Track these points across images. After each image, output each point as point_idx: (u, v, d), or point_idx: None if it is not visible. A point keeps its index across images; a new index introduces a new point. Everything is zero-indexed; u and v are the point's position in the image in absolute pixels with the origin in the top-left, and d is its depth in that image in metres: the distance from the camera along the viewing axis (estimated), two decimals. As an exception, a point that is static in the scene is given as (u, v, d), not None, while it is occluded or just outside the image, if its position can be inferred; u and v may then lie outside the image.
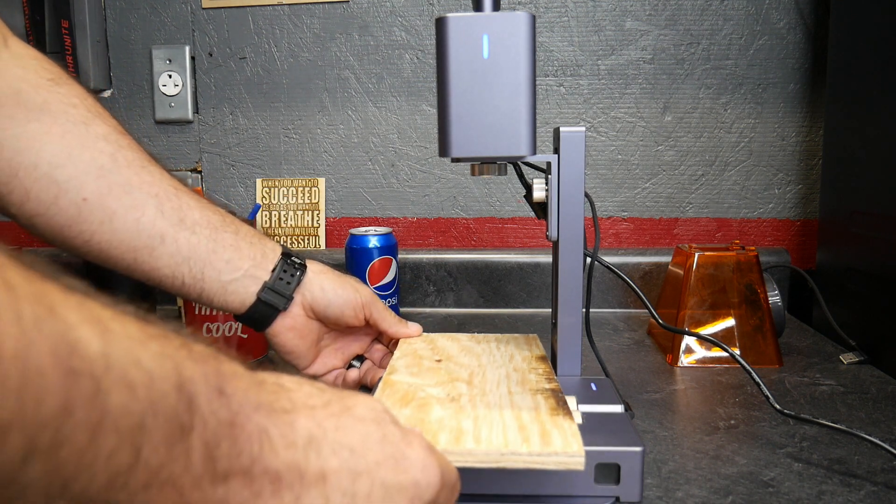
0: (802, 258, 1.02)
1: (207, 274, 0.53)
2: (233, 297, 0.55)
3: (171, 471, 0.24)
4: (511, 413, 0.43)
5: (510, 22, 0.47)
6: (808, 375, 0.70)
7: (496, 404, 0.44)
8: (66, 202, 0.49)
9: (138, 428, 0.22)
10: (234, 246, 0.54)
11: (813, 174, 1.00)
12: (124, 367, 0.22)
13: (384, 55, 1.03)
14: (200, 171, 1.09)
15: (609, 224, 1.04)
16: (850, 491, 0.46)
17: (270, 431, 0.28)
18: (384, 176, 1.06)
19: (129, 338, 0.23)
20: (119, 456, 0.22)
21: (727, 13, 0.98)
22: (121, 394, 0.21)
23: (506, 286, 1.01)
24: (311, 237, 1.08)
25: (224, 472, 0.26)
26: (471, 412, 0.43)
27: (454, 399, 0.46)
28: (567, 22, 1.00)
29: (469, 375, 0.51)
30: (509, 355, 0.57)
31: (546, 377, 0.51)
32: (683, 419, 0.59)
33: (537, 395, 0.46)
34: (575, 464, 0.37)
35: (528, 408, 0.43)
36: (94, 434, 0.21)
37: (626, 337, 0.85)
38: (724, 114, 1.00)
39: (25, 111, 0.48)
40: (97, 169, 0.49)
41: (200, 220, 0.53)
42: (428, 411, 0.43)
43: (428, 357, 0.57)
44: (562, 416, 0.42)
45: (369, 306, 0.60)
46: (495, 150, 0.49)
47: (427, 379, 0.50)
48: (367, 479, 0.30)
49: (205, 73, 1.07)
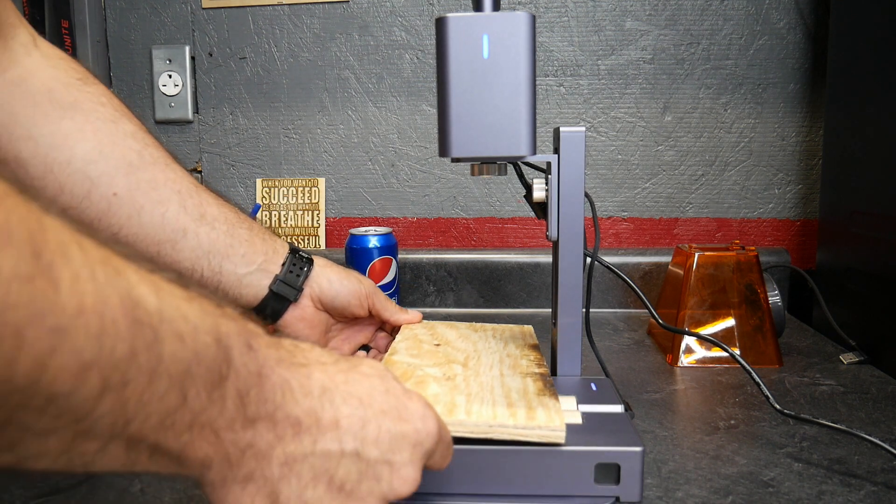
0: (802, 258, 1.02)
1: (225, 267, 0.56)
2: (247, 289, 0.58)
3: (210, 414, 0.27)
4: (501, 392, 0.46)
5: (510, 22, 0.47)
6: (808, 375, 0.70)
7: (488, 384, 0.48)
8: (97, 196, 0.51)
9: (186, 373, 0.25)
10: (248, 241, 0.57)
11: (813, 174, 1.00)
12: (175, 320, 0.25)
13: (384, 55, 1.04)
14: (200, 171, 1.09)
15: (609, 224, 1.04)
16: (850, 491, 0.46)
17: (291, 382, 0.31)
18: (384, 176, 1.06)
19: (177, 297, 0.26)
20: (169, 397, 0.25)
21: (727, 13, 0.98)
22: (173, 343, 0.25)
23: (506, 286, 1.01)
24: (311, 237, 1.08)
25: (252, 417, 0.29)
26: (464, 389, 0.46)
27: (450, 378, 0.49)
28: (567, 22, 1.00)
29: (465, 358, 0.55)
30: (504, 342, 0.61)
31: (536, 363, 0.54)
32: (683, 419, 0.59)
33: (527, 378, 0.49)
34: (556, 437, 0.41)
35: (517, 388, 0.47)
36: (151, 377, 0.24)
37: (626, 337, 0.85)
38: (724, 114, 1.00)
39: (59, 109, 0.50)
40: (126, 165, 0.52)
41: (219, 216, 0.56)
42: (425, 387, 0.46)
43: (427, 341, 0.60)
44: (547, 396, 0.45)
45: (372, 296, 0.63)
46: (495, 150, 0.49)
47: (425, 360, 0.54)
48: (375, 424, 0.33)
49: (205, 73, 1.07)
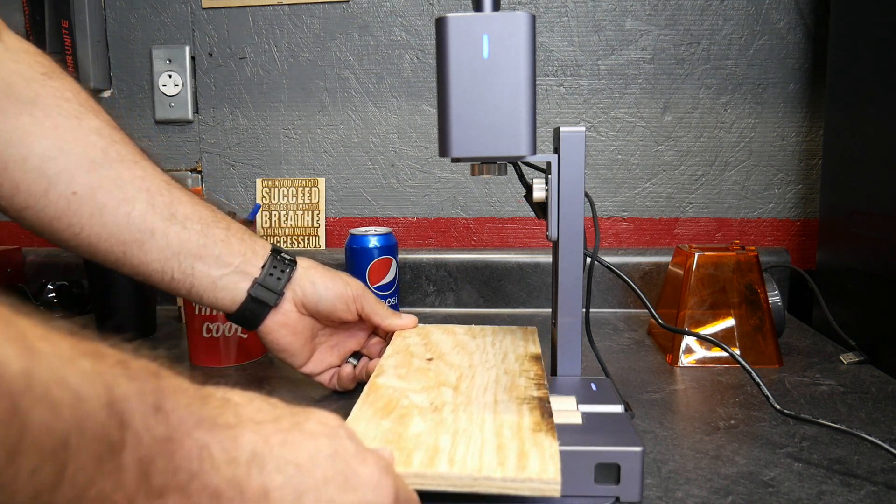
0: (802, 258, 1.02)
1: (198, 269, 0.53)
2: (223, 293, 0.55)
3: (101, 487, 0.23)
4: (492, 427, 0.42)
5: (510, 22, 0.47)
6: (808, 375, 0.70)
7: (478, 417, 0.44)
8: (55, 195, 0.49)
9: (62, 446, 0.22)
10: (224, 241, 0.54)
11: (813, 174, 1.00)
12: (47, 386, 0.21)
13: (384, 55, 1.03)
14: (200, 171, 1.09)
15: (609, 224, 1.04)
16: (850, 491, 0.46)
17: (212, 447, 0.27)
18: (384, 176, 1.06)
19: (57, 356, 0.23)
20: (42, 473, 0.21)
21: (727, 13, 0.98)
22: (42, 413, 0.21)
23: (506, 286, 1.01)
24: (311, 237, 1.08)
25: (159, 489, 0.25)
26: (451, 425, 0.42)
27: (437, 409, 0.45)
28: (567, 22, 1.00)
29: (457, 378, 0.51)
30: (503, 353, 0.57)
31: (536, 382, 0.50)
32: (683, 419, 0.59)
33: (523, 405, 0.45)
34: (550, 490, 0.36)
35: (510, 423, 0.42)
36: (12, 452, 0.20)
37: (626, 337, 0.85)
38: (724, 114, 1.00)
39: (17, 105, 0.48)
40: (88, 163, 0.49)
41: (192, 214, 0.53)
42: (407, 424, 0.43)
43: (419, 354, 0.56)
44: (543, 433, 0.41)
45: (360, 299, 0.60)
46: (495, 150, 0.49)
47: (413, 383, 0.50)
48: (313, 496, 0.29)
49: (205, 73, 1.07)
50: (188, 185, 1.07)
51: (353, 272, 0.88)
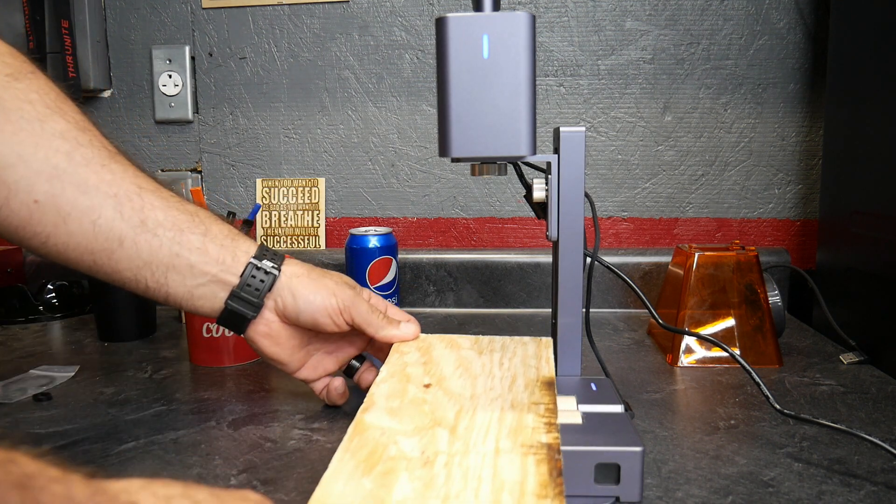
0: (802, 258, 1.02)
1: (171, 278, 0.51)
2: (201, 302, 0.53)
3: None
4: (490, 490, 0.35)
5: (510, 22, 0.47)
6: (808, 375, 0.70)
7: (475, 472, 0.37)
8: (17, 204, 0.47)
9: None
10: (200, 249, 0.51)
11: (813, 174, 1.00)
12: None
13: (384, 55, 1.04)
14: (200, 171, 1.09)
15: (609, 224, 1.04)
16: (850, 491, 0.46)
17: None
18: (384, 176, 1.06)
19: None
20: None
21: (727, 13, 0.98)
22: None
23: (506, 286, 1.01)
24: (311, 237, 1.08)
25: None
26: (442, 487, 0.36)
27: (428, 461, 0.39)
28: (567, 22, 1.00)
29: (456, 415, 0.44)
30: (511, 377, 0.50)
31: (546, 421, 0.43)
32: (683, 419, 0.59)
33: (528, 458, 0.39)
34: None
35: (512, 483, 0.36)
36: None
37: (626, 337, 0.85)
38: (724, 114, 1.00)
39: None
40: (51, 169, 0.47)
41: (164, 221, 0.50)
42: (391, 486, 0.36)
43: (416, 379, 0.50)
44: (550, 499, 0.34)
45: (349, 310, 0.55)
46: (495, 150, 0.49)
47: (405, 422, 0.43)
48: None
49: (205, 73, 1.07)
50: (188, 185, 1.07)
51: (353, 272, 0.88)
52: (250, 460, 0.51)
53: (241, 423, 0.58)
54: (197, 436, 0.56)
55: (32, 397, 0.65)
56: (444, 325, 0.93)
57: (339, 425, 0.58)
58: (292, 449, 0.53)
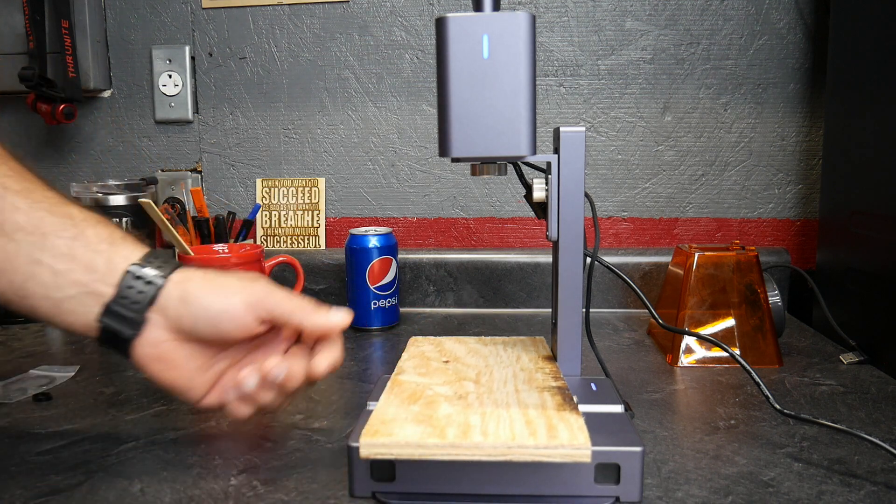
0: (802, 258, 1.02)
1: (32, 290, 0.44)
2: (72, 318, 0.45)
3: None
4: (518, 409, 0.44)
5: (510, 22, 0.47)
6: (808, 375, 0.70)
7: (503, 401, 0.46)
8: None
9: None
10: (67, 255, 0.44)
11: (813, 174, 1.00)
12: None
13: (384, 55, 1.04)
14: (200, 171, 1.09)
15: (609, 224, 1.04)
16: (850, 491, 0.46)
17: None
18: (384, 176, 1.06)
19: None
20: None
21: (727, 13, 0.98)
22: None
23: (506, 286, 1.01)
24: (311, 237, 1.08)
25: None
26: (478, 408, 0.44)
27: (461, 397, 0.47)
28: (567, 22, 1.00)
29: (476, 375, 0.53)
30: (516, 356, 0.58)
31: (553, 376, 0.52)
32: (683, 419, 0.59)
33: (544, 393, 0.47)
34: (581, 455, 0.38)
35: (534, 404, 0.45)
36: None
37: (626, 337, 0.85)
38: (724, 114, 1.00)
39: None
40: None
41: (26, 224, 0.44)
42: (436, 408, 0.45)
43: (435, 358, 0.58)
44: (568, 411, 0.43)
45: (262, 304, 0.46)
46: (495, 150, 0.49)
47: (435, 378, 0.52)
48: None
49: (205, 73, 1.07)
50: (188, 185, 1.07)
51: (353, 272, 0.88)
52: (250, 460, 0.51)
53: (241, 423, 0.58)
54: (197, 436, 0.56)
55: (32, 397, 0.65)
56: (443, 325, 0.93)
57: (340, 426, 0.58)
58: (292, 449, 0.53)
